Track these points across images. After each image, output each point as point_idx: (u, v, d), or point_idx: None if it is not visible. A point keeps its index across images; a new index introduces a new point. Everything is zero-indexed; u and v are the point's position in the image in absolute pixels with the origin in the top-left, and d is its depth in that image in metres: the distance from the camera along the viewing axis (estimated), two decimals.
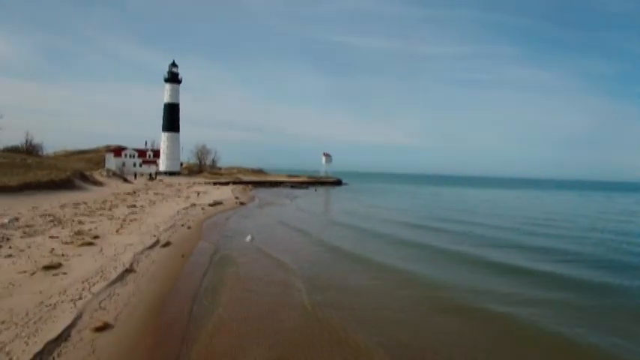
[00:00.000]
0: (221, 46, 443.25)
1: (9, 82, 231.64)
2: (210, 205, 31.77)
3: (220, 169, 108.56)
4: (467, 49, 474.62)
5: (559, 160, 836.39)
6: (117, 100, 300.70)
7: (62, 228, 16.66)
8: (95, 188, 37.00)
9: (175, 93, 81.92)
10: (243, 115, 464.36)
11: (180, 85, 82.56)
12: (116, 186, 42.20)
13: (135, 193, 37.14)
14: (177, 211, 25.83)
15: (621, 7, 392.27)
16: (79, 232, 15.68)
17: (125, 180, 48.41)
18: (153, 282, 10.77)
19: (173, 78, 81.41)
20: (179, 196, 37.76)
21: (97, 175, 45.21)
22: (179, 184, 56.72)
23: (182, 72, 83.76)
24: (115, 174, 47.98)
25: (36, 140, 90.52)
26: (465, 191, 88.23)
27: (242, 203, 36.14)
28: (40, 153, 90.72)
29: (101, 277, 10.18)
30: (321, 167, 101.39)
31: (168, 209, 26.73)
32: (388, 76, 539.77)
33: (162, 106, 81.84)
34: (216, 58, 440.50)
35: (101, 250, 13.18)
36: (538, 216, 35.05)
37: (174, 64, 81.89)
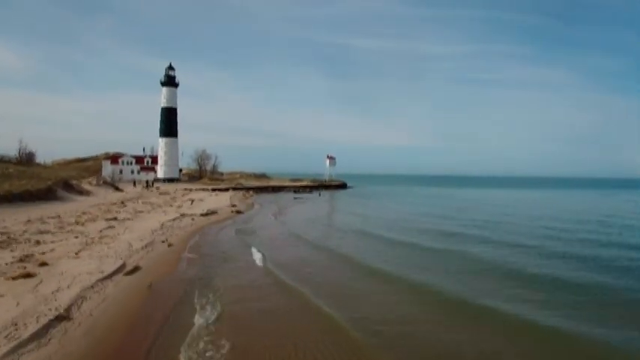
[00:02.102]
0: (222, 51, 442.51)
1: (10, 92, 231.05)
2: (203, 215, 28.81)
3: (222, 174, 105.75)
4: (470, 48, 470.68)
5: (566, 158, 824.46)
6: (118, 106, 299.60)
7: (11, 251, 13.73)
8: (80, 198, 34.17)
9: (173, 97, 79.26)
10: (246, 119, 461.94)
11: (178, 88, 80.00)
12: (104, 195, 39.38)
13: (122, 203, 34.26)
14: (162, 224, 22.86)
15: (625, 3, 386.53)
16: (24, 258, 12.71)
17: (117, 188, 45.61)
18: (88, 337, 7.75)
19: (170, 81, 78.78)
20: (171, 205, 34.86)
21: (85, 184, 42.43)
22: (175, 191, 53.88)
23: (183, 77, 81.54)
24: (105, 182, 45.18)
25: (36, 149, 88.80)
26: (481, 193, 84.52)
27: (239, 212, 33.16)
28: (35, 161, 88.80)
29: (8, 335, 7.15)
30: (325, 170, 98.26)
31: (153, 221, 23.77)
32: (391, 77, 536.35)
33: (160, 111, 79.24)
34: (217, 63, 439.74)
35: (38, 284, 10.18)
36: None
37: (170, 67, 79.29)
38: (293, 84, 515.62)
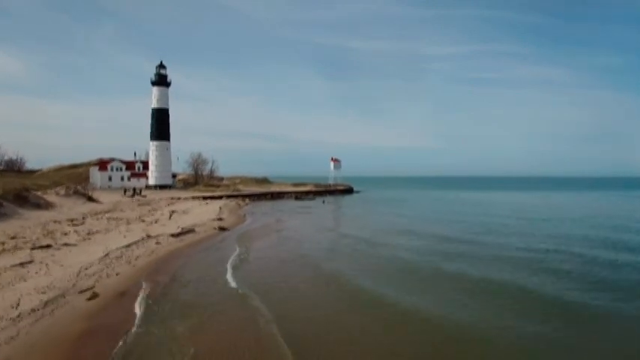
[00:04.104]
0: (222, 54, 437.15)
1: (9, 98, 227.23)
2: (174, 235, 22.74)
3: (223, 179, 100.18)
4: (471, 48, 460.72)
5: (569, 157, 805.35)
6: (119, 111, 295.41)
7: None
8: (33, 214, 28.24)
9: (164, 97, 73.44)
10: (247, 122, 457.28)
11: (173, 90, 74.31)
12: (70, 208, 33.45)
13: (83, 218, 28.30)
14: (108, 254, 16.84)
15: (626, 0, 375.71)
16: None
17: (90, 198, 39.71)
18: None
19: (161, 81, 72.94)
20: (143, 221, 28.88)
21: (51, 195, 36.56)
22: (160, 200, 47.94)
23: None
24: (77, 191, 39.27)
25: (20, 156, 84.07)
26: (505, 197, 77.81)
27: (223, 228, 27.04)
28: (18, 169, 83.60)
29: None
30: (330, 174, 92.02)
31: (99, 249, 17.77)
32: (393, 78, 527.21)
33: (150, 112, 73.48)
34: (218, 66, 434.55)
35: None
36: None
37: (162, 66, 73.54)
38: (293, 86, 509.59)
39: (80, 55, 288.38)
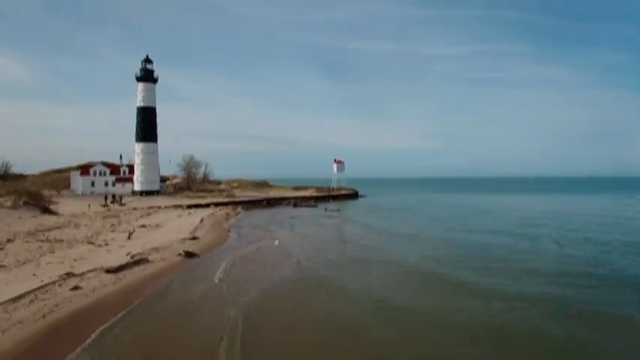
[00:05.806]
0: (223, 56, 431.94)
1: (10, 102, 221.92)
2: (110, 271, 15.89)
3: (220, 182, 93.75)
4: (473, 48, 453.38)
5: (572, 157, 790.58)
6: (120, 115, 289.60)
7: None
8: None
9: (151, 94, 66.88)
10: (248, 124, 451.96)
11: (156, 84, 67.62)
12: (7, 224, 26.71)
13: (8, 241, 21.54)
14: None
15: None
16: None
17: (46, 210, 33.10)
18: None
19: (147, 76, 66.45)
20: (91, 242, 22.11)
21: None
22: (135, 210, 41.18)
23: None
24: (28, 202, 32.66)
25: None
26: (516, 201, 70.95)
27: (190, 254, 20.12)
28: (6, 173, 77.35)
29: None
30: (333, 176, 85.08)
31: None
32: (394, 79, 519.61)
33: (135, 111, 66.93)
34: (219, 68, 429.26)
35: None
36: None
37: (147, 60, 66.99)
38: (294, 87, 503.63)
39: (81, 58, 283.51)
